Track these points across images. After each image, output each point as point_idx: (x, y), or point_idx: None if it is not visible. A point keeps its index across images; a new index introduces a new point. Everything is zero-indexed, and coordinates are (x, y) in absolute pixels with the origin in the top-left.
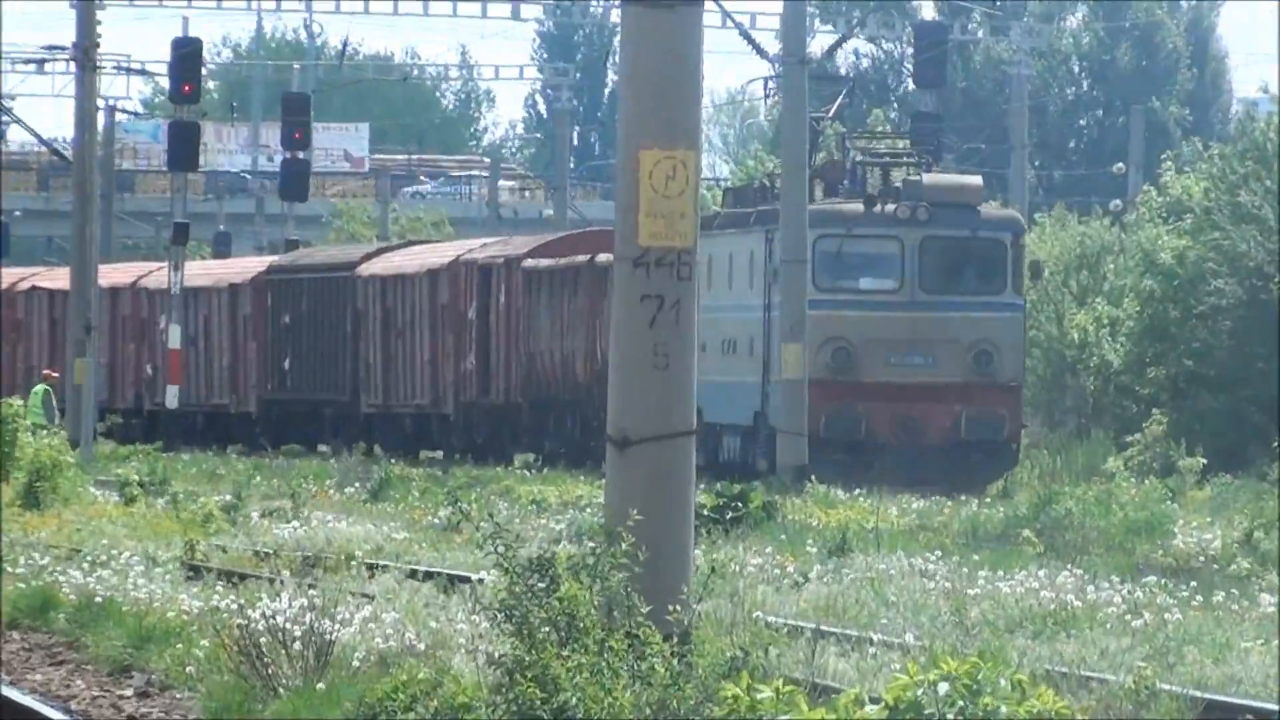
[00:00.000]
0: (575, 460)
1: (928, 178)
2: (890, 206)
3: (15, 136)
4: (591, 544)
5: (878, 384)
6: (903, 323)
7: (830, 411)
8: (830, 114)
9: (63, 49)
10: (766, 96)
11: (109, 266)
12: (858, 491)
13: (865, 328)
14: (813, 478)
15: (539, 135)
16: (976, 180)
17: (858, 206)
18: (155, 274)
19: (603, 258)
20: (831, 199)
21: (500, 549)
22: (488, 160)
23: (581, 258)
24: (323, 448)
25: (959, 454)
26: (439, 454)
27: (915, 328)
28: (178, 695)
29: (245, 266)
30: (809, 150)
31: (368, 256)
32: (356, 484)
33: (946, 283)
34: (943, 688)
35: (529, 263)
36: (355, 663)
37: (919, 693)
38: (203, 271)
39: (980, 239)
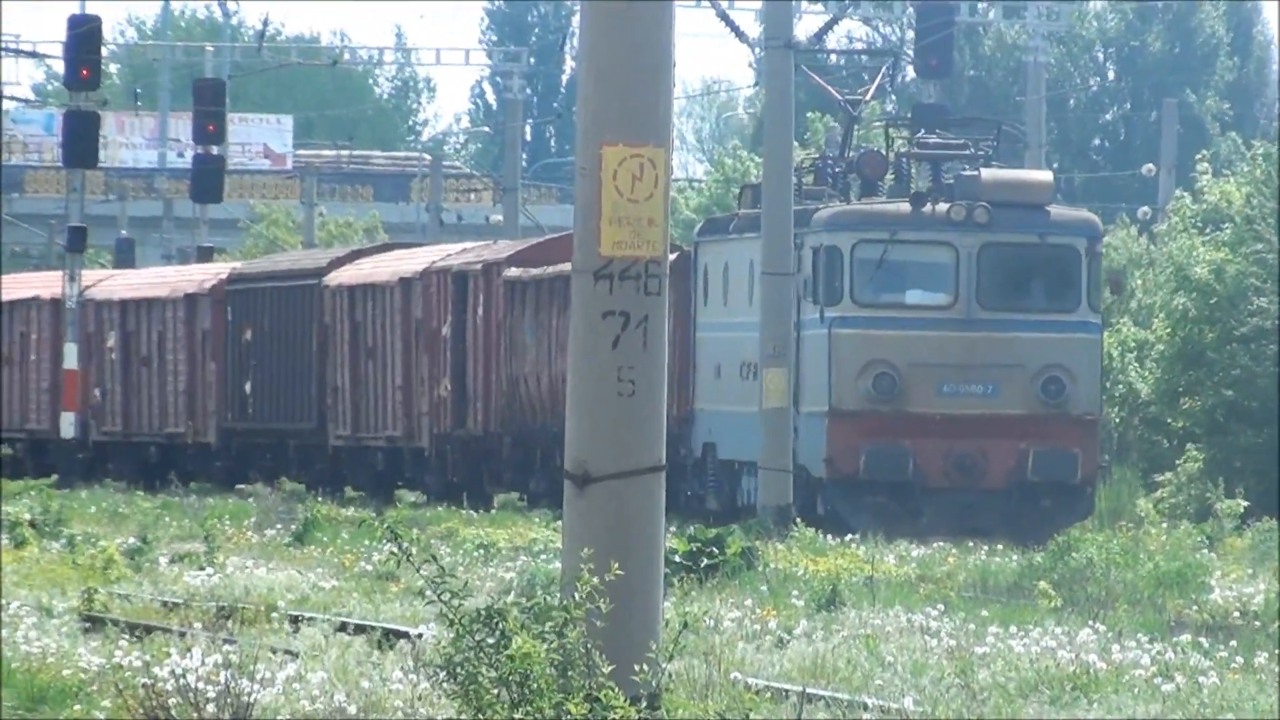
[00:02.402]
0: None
1: (986, 173)
2: (943, 207)
3: None
4: (547, 595)
5: (928, 416)
6: (957, 344)
7: (872, 448)
8: (869, 96)
9: None
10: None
11: (43, 275)
12: (851, 537)
13: (913, 350)
14: (798, 520)
15: (487, 129)
16: (1046, 176)
17: (904, 206)
18: (104, 284)
19: None
20: (871, 198)
21: (444, 597)
22: (428, 157)
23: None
24: (292, 485)
25: (1024, 498)
26: (417, 495)
27: (972, 350)
28: None
29: (205, 274)
30: (844, 141)
31: (337, 262)
32: (279, 525)
33: (1010, 297)
34: None
35: (511, 271)
36: None
37: None
38: (156, 280)
39: (1050, 246)
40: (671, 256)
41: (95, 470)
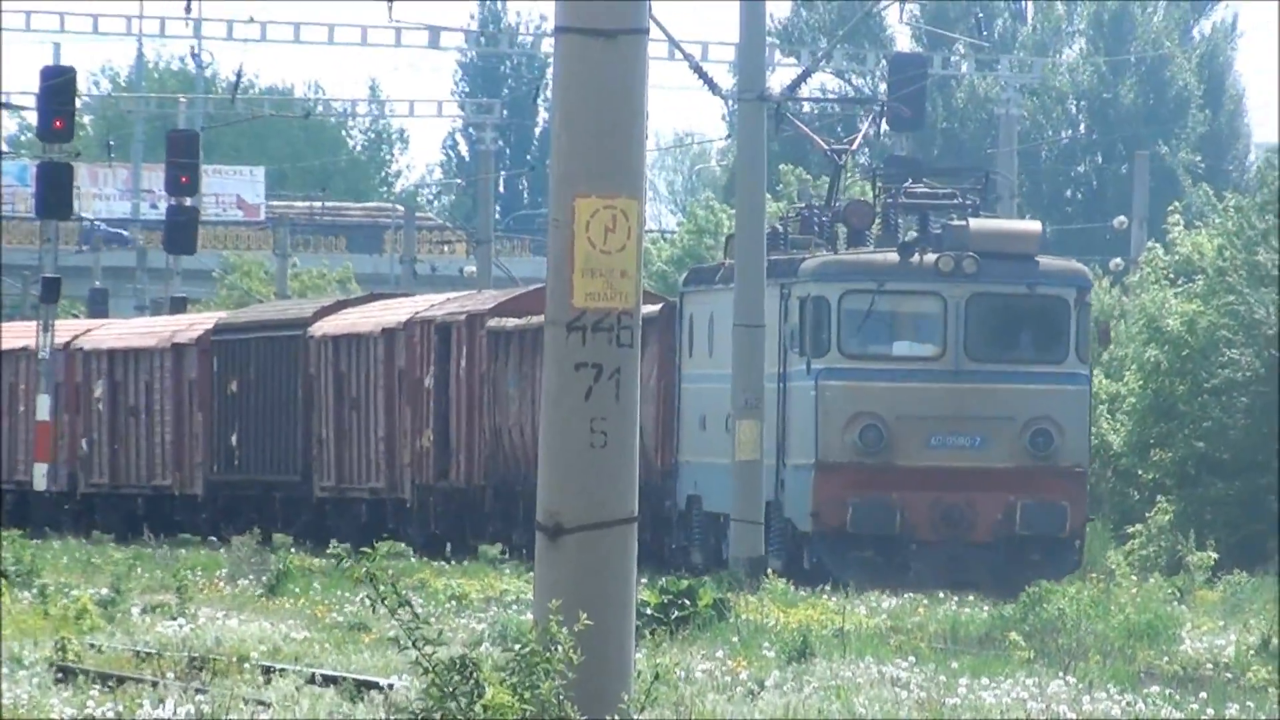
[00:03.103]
0: None
1: (975, 223)
2: (930, 257)
3: None
4: (519, 646)
5: (916, 469)
6: (945, 396)
7: (859, 501)
8: (854, 145)
9: None
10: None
11: (32, 324)
12: (822, 587)
13: (900, 402)
14: (770, 571)
15: (460, 180)
16: (1035, 226)
17: (892, 256)
18: (93, 333)
19: None
20: (858, 248)
21: (418, 643)
22: (401, 209)
23: None
24: (281, 537)
25: (1013, 552)
26: (391, 545)
27: (960, 402)
28: None
29: (192, 323)
30: (831, 191)
31: (322, 313)
32: (251, 576)
33: (998, 349)
34: None
35: (494, 322)
36: None
37: None
38: (145, 329)
39: (1039, 296)
40: (656, 307)
41: (82, 522)
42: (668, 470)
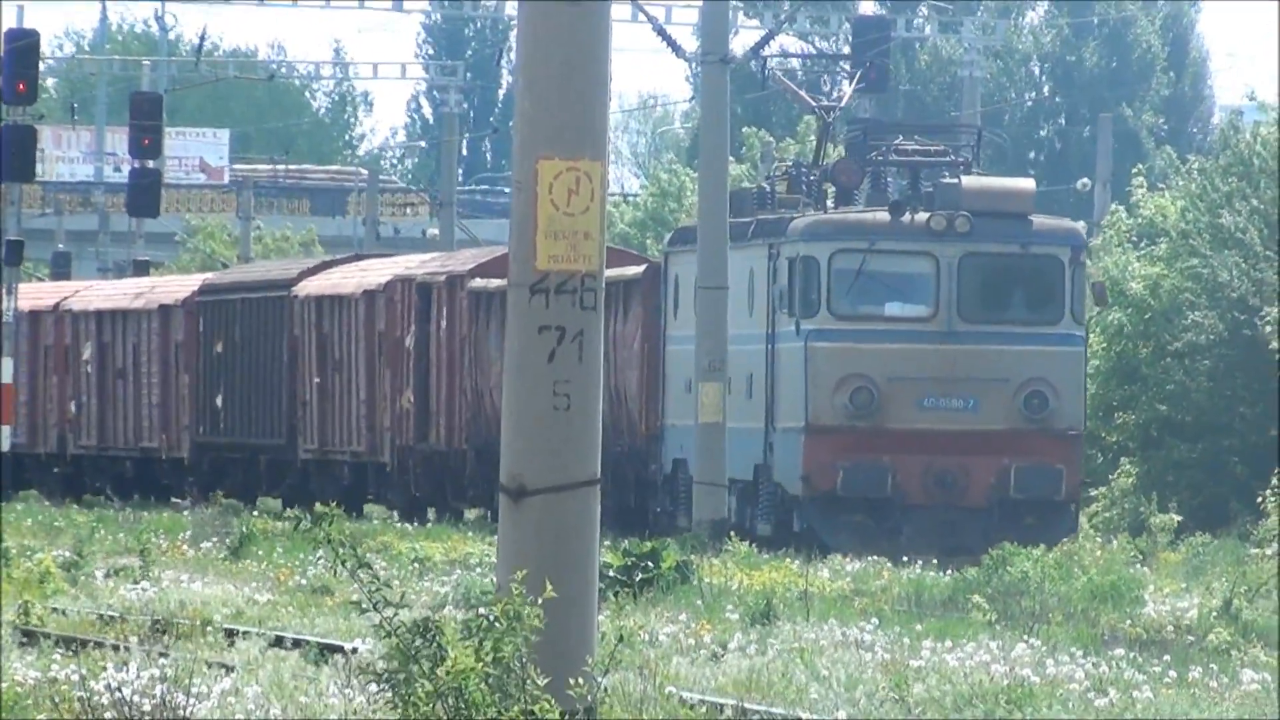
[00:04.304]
0: None
1: (967, 181)
2: (922, 216)
3: None
4: (482, 609)
5: (907, 431)
6: (938, 357)
7: (850, 465)
8: (843, 102)
9: None
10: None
11: (28, 285)
12: (784, 551)
13: (892, 364)
14: (732, 534)
15: (423, 143)
16: (1028, 184)
17: (882, 215)
18: (81, 294)
19: None
20: (847, 207)
21: (379, 606)
22: (365, 172)
23: None
24: (266, 501)
25: (1006, 516)
26: (383, 510)
27: (953, 363)
28: None
29: (178, 285)
30: (819, 147)
31: (307, 273)
32: (214, 539)
33: (991, 309)
34: None
35: (476, 282)
36: None
37: None
38: (132, 290)
39: (1033, 256)
40: (640, 269)
41: (74, 485)
42: (653, 434)
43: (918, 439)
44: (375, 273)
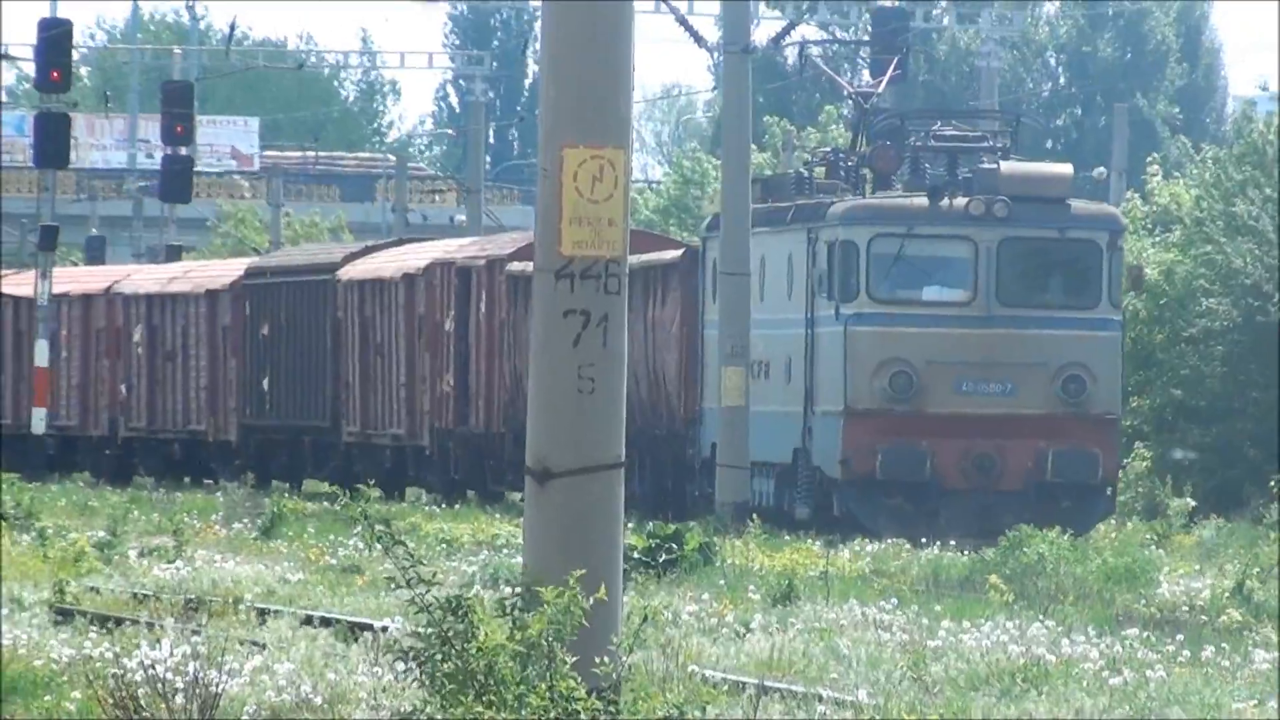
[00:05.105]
0: None
1: (1005, 166)
2: (961, 201)
3: None
4: (510, 589)
5: (946, 416)
6: (976, 342)
7: (888, 448)
8: (879, 88)
9: None
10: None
11: (80, 270)
12: (806, 533)
13: (930, 348)
14: (755, 517)
15: (450, 131)
16: (1065, 169)
17: (921, 200)
18: (132, 277)
19: None
20: (885, 192)
21: (412, 583)
22: (393, 159)
23: None
24: (314, 483)
25: (1044, 499)
26: (423, 493)
27: (991, 348)
28: None
29: (224, 269)
30: (855, 134)
31: (351, 257)
32: (246, 519)
33: (1029, 294)
34: None
35: (515, 265)
36: (244, 717)
37: None
38: (181, 274)
39: (1071, 241)
40: (678, 253)
41: (124, 467)
42: (691, 418)
43: (956, 423)
44: (415, 256)
